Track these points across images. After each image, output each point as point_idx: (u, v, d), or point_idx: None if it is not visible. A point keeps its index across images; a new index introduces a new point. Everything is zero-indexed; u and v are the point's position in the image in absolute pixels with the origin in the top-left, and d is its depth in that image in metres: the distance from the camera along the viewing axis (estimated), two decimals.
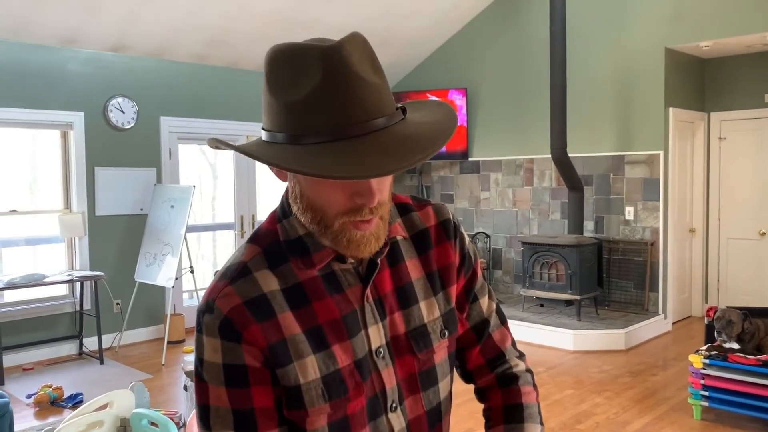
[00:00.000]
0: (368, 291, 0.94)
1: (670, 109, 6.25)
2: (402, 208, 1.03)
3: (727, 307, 4.30)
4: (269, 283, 0.91)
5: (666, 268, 6.33)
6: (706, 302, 6.96)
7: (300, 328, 0.90)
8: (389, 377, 0.95)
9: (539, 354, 5.60)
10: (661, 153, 6.23)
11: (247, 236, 7.77)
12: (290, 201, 0.93)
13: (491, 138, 7.47)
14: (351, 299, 0.93)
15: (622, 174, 6.49)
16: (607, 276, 6.58)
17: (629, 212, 6.46)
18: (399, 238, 0.99)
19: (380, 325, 0.95)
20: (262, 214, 7.25)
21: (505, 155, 7.37)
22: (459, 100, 7.48)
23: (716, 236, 6.91)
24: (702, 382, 4.03)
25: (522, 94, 7.18)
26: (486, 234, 7.49)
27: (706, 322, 4.73)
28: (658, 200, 6.28)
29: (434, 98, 7.31)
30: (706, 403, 4.04)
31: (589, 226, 6.69)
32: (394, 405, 0.96)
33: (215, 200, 7.33)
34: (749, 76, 6.56)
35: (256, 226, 6.67)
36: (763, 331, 4.15)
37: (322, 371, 0.90)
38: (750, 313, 4.25)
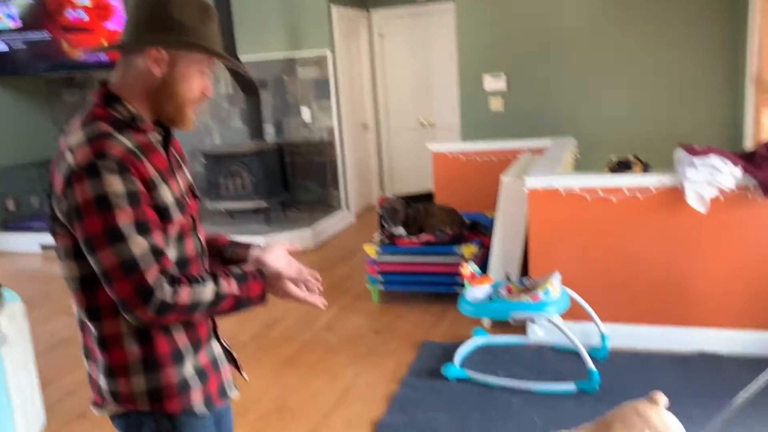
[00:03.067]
0: (170, 153, 1.44)
1: (333, 7, 6.35)
2: None
3: (392, 197, 4.67)
4: (128, 142, 1.30)
5: (345, 165, 6.66)
6: (383, 192, 7.58)
7: (153, 169, 1.31)
8: (192, 209, 1.44)
9: None
10: (329, 53, 6.37)
11: None
12: (144, 92, 1.36)
13: None
14: (163, 157, 1.39)
15: (296, 76, 6.51)
16: (292, 179, 6.70)
17: (306, 113, 6.57)
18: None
19: (179, 176, 1.43)
20: None
21: None
22: (115, 1, 6.61)
23: (386, 129, 7.47)
24: (377, 268, 4.37)
25: None
26: None
27: (378, 212, 5.11)
28: (332, 100, 6.47)
29: None
30: (382, 287, 4.41)
31: (270, 130, 6.66)
32: (197, 229, 1.47)
33: None
34: None
35: None
36: (423, 214, 4.62)
37: (172, 195, 1.34)
38: (412, 199, 4.68)
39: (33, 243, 6.49)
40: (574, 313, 3.37)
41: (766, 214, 3.12)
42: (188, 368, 1.39)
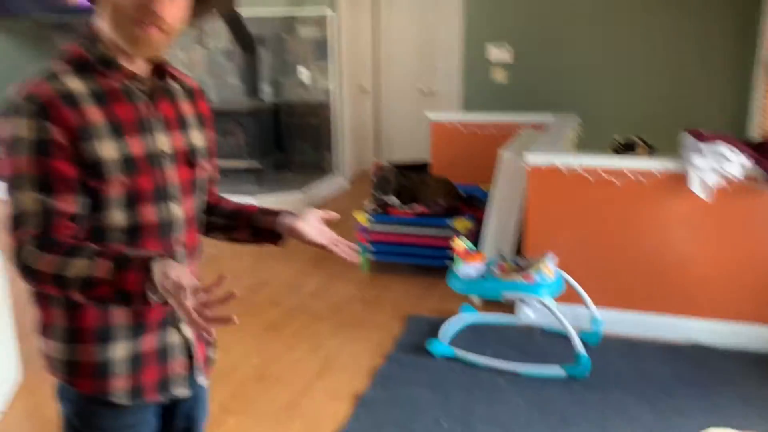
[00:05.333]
0: (155, 107, 1.27)
1: None
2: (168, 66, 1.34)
3: (385, 165, 4.55)
4: (76, 85, 1.18)
5: (341, 128, 6.52)
6: (378, 158, 7.44)
7: (102, 119, 1.18)
8: (172, 176, 1.27)
9: None
10: (331, 13, 6.16)
11: None
12: (98, 20, 1.20)
13: None
14: (141, 109, 1.24)
15: (296, 35, 6.32)
16: (287, 140, 6.56)
17: (304, 75, 6.40)
18: (175, 84, 1.35)
19: (165, 136, 1.27)
20: None
21: None
22: None
23: (384, 95, 7.30)
24: (368, 237, 4.27)
25: None
26: None
27: (372, 178, 5.00)
28: (331, 62, 6.29)
29: None
30: (371, 257, 4.32)
31: (266, 89, 6.49)
32: (175, 198, 1.29)
33: None
34: None
35: None
36: (417, 184, 4.50)
37: (120, 152, 1.18)
38: (406, 168, 4.57)
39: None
40: (566, 295, 3.30)
41: None
42: (118, 351, 1.24)
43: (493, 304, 3.71)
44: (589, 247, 3.36)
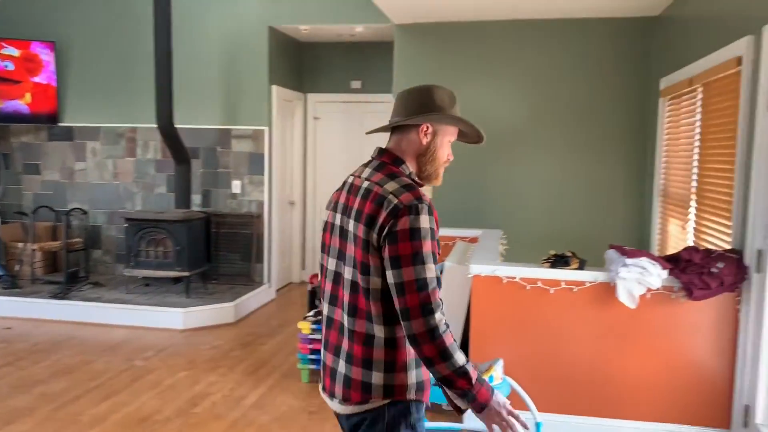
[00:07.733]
0: None
1: (274, 87, 6.49)
2: None
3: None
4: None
5: (270, 240, 6.62)
6: (304, 269, 7.54)
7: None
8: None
9: (148, 337, 5.26)
10: (266, 129, 6.45)
11: None
12: (413, 157, 1.86)
13: (87, 102, 6.66)
14: None
15: (229, 148, 6.52)
16: (215, 250, 6.56)
17: (236, 186, 6.54)
18: None
19: None
20: None
21: (105, 122, 6.68)
22: (46, 55, 6.45)
23: (312, 207, 7.53)
24: (309, 346, 4.31)
25: (125, 57, 6.57)
26: (83, 210, 6.71)
27: (309, 288, 5.09)
28: (263, 174, 6.49)
29: None
30: (313, 366, 4.33)
31: (196, 200, 6.55)
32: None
33: None
34: (339, 63, 7.25)
35: None
36: None
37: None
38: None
39: None
40: (510, 399, 3.46)
41: (687, 313, 3.41)
42: (426, 375, 1.79)
43: (439, 411, 3.80)
44: (527, 353, 3.58)
